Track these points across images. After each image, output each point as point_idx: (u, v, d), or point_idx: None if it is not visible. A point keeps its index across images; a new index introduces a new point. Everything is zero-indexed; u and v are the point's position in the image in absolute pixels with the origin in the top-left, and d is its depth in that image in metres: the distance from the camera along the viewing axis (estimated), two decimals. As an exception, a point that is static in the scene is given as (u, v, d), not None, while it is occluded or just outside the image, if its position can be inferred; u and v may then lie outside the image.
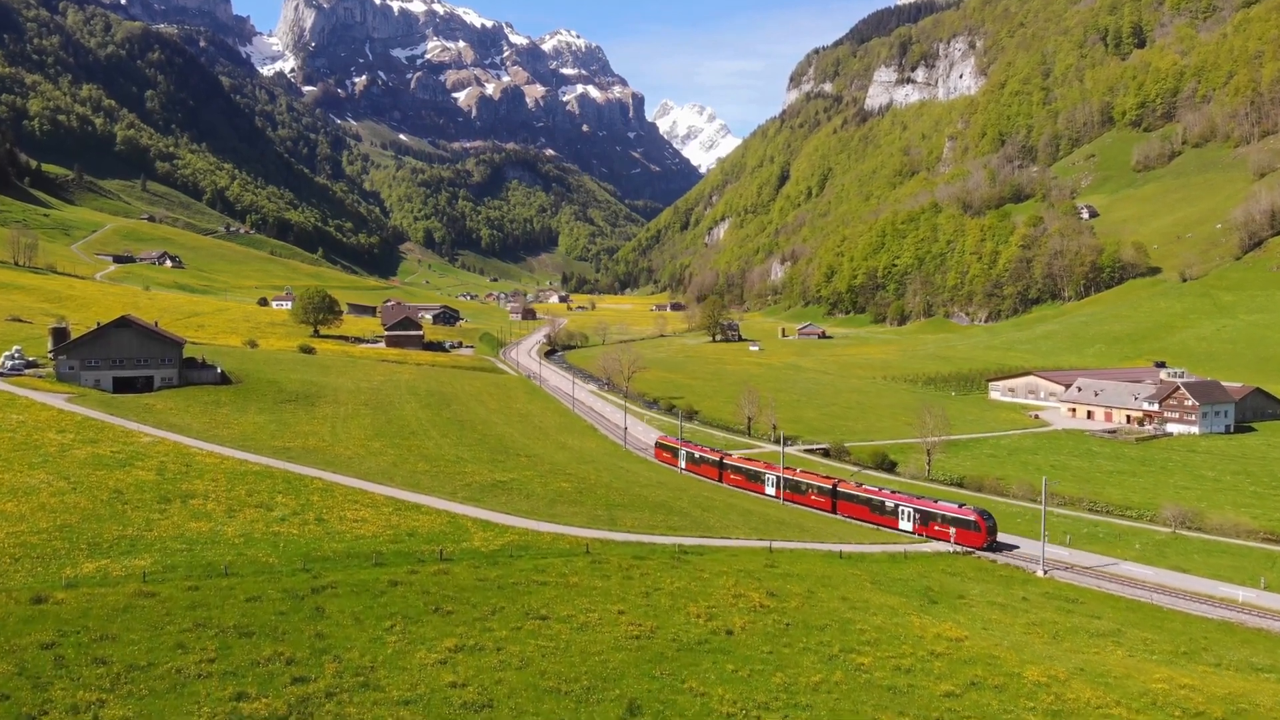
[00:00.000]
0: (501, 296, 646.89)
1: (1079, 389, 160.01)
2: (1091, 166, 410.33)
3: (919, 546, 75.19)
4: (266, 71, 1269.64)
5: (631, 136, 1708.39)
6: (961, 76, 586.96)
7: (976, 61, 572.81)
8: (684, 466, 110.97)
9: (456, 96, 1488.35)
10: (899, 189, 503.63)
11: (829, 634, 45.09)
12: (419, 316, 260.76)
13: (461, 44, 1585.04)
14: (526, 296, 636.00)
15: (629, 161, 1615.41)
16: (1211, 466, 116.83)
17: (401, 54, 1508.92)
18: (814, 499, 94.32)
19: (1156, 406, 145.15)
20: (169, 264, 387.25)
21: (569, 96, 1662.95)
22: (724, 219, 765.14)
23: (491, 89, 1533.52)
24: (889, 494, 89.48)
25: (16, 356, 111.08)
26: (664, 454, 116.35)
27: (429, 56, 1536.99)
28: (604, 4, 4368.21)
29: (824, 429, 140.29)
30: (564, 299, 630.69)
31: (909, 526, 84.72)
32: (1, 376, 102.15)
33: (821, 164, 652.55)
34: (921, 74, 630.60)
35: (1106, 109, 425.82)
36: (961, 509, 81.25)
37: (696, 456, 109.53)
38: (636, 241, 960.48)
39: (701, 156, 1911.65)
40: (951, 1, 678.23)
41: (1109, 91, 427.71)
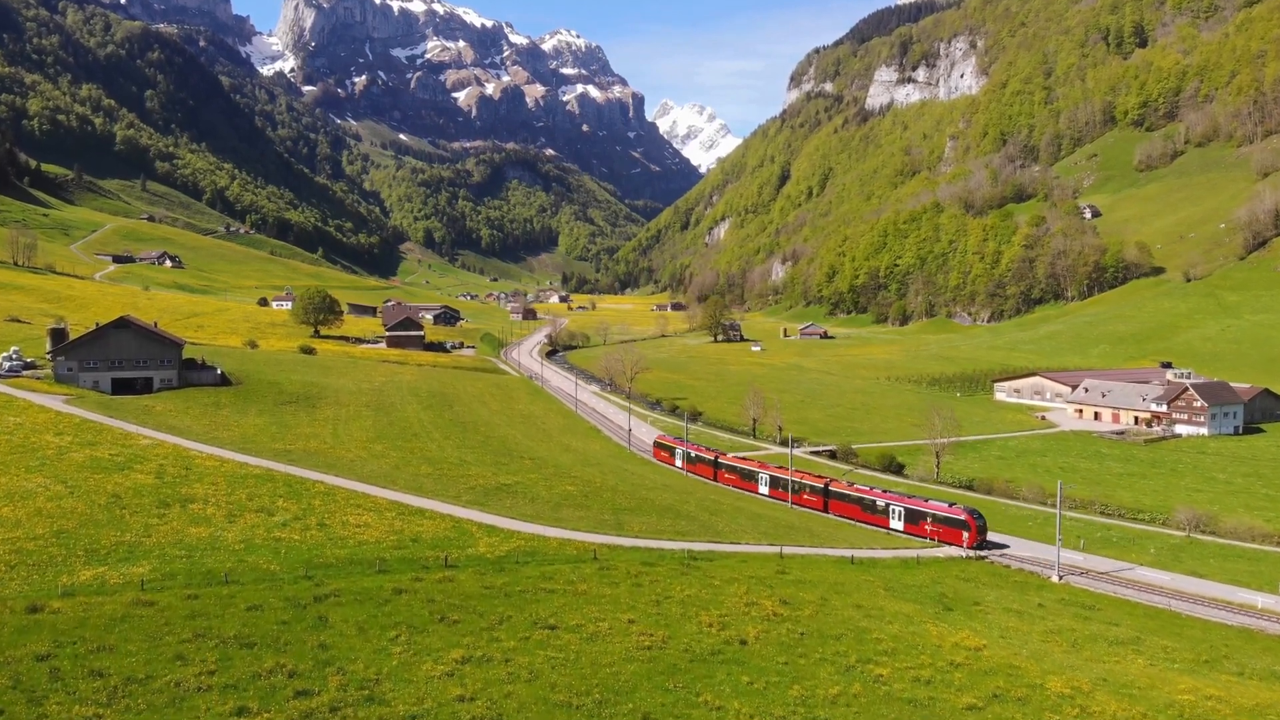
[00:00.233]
0: (502, 296, 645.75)
1: (1086, 390, 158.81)
2: (1094, 166, 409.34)
3: (932, 551, 74.12)
4: (266, 71, 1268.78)
5: (631, 136, 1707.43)
6: (963, 76, 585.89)
7: (978, 61, 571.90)
8: (681, 466, 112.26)
9: (456, 96, 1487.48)
10: (900, 189, 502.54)
11: (845, 644, 44.04)
12: (420, 317, 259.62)
13: (461, 44, 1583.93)
14: (527, 296, 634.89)
15: (629, 161, 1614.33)
16: (1222, 468, 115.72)
17: (401, 54, 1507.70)
18: (806, 498, 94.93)
19: (1165, 408, 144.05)
20: (169, 264, 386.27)
21: (569, 96, 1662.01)
22: (724, 219, 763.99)
23: (491, 89, 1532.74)
24: (880, 493, 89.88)
25: (14, 357, 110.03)
26: (662, 453, 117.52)
27: (429, 56, 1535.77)
28: (604, 4, 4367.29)
29: (829, 430, 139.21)
30: (564, 299, 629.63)
31: (900, 526, 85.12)
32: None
33: (822, 164, 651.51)
34: (922, 73, 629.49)
35: (1108, 108, 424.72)
36: (952, 508, 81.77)
37: (693, 456, 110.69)
38: (637, 241, 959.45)
39: (701, 156, 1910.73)
40: (952, 1, 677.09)
41: (1111, 91, 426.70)
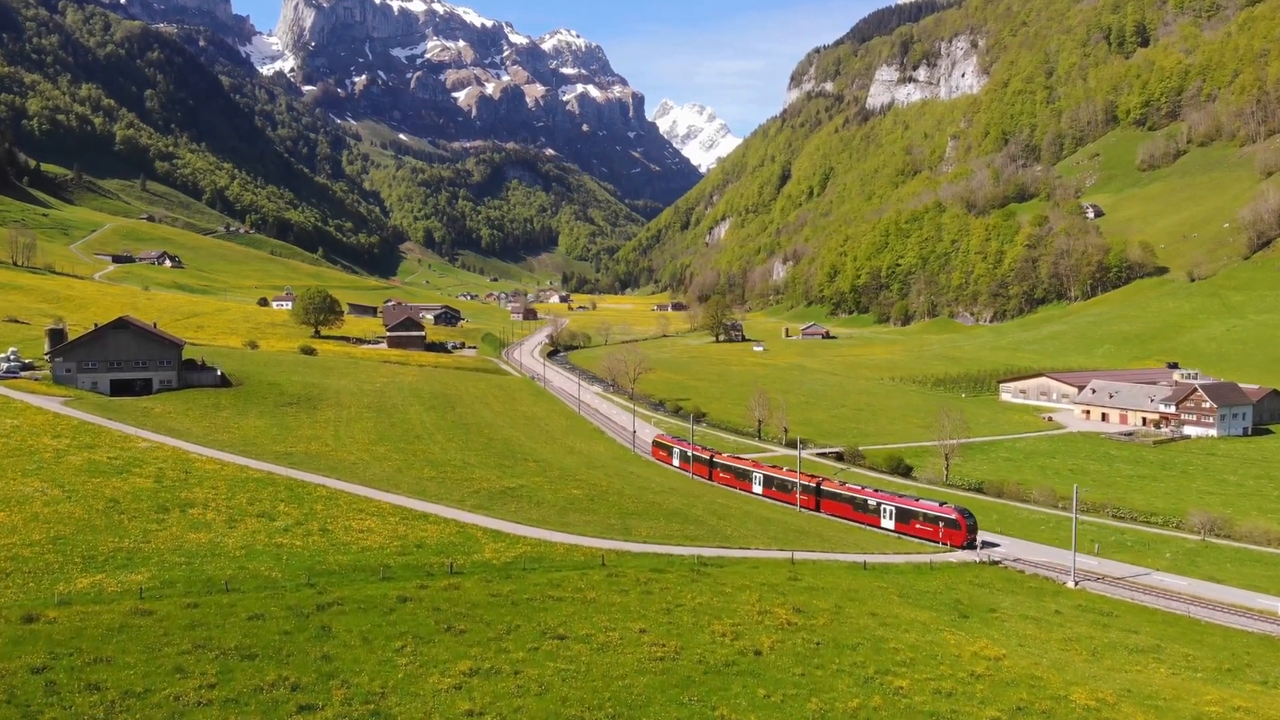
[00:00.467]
0: (502, 296, 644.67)
1: (1093, 390, 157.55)
2: (1096, 166, 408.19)
3: (944, 556, 72.98)
4: (266, 71, 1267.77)
5: (631, 136, 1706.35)
6: (964, 75, 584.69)
7: (979, 60, 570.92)
8: (678, 465, 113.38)
9: (456, 96, 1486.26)
10: (901, 188, 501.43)
11: (862, 654, 42.92)
12: (421, 317, 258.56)
13: (461, 43, 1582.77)
14: (527, 296, 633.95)
15: (629, 161, 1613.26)
16: (1233, 470, 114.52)
17: (401, 53, 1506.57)
18: (799, 497, 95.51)
19: (1173, 409, 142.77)
20: (168, 264, 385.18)
21: (569, 96, 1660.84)
22: (725, 219, 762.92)
23: (491, 89, 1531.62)
24: (871, 492, 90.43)
25: (12, 359, 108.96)
26: (660, 452, 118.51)
27: (429, 56, 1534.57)
28: (604, 4, 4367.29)
29: (835, 432, 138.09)
30: (565, 299, 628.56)
31: (891, 525, 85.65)
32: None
33: (823, 163, 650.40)
34: (923, 73, 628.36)
35: (1110, 108, 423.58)
36: (942, 507, 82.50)
37: (690, 455, 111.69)
38: (637, 241, 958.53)
39: (701, 156, 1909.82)
40: (953, 0, 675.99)
41: (1113, 90, 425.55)
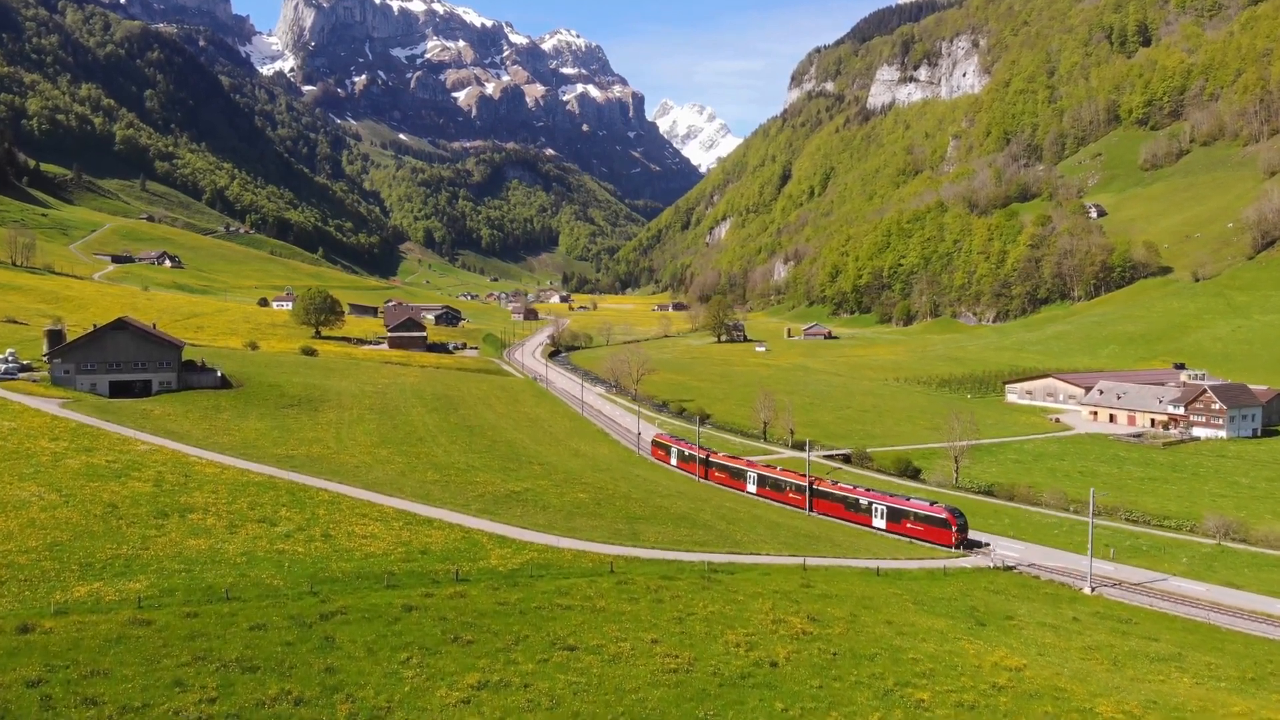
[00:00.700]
0: (503, 296, 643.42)
1: (1100, 392, 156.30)
2: (1098, 165, 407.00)
3: (958, 561, 71.73)
4: (266, 71, 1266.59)
5: (631, 136, 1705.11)
6: (965, 75, 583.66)
7: (980, 60, 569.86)
8: (675, 464, 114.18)
9: (456, 96, 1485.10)
10: (903, 188, 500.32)
11: (880, 664, 41.73)
12: (421, 317, 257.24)
13: (461, 43, 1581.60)
14: (528, 296, 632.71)
15: (629, 161, 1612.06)
16: (1245, 473, 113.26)
17: (401, 53, 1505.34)
18: (791, 496, 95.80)
19: (1182, 410, 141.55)
20: (168, 264, 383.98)
21: (569, 96, 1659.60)
22: (725, 218, 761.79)
23: (491, 88, 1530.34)
24: (863, 491, 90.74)
25: (10, 360, 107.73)
26: (658, 451, 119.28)
27: (429, 56, 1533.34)
28: (604, 4, 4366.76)
29: (841, 433, 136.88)
30: (565, 299, 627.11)
31: (882, 524, 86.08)
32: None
33: (824, 163, 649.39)
34: (924, 72, 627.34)
35: (1113, 107, 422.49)
36: (933, 506, 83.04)
37: (686, 454, 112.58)
38: (637, 241, 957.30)
39: (701, 156, 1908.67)
40: (954, 0, 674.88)
41: (1115, 90, 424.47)
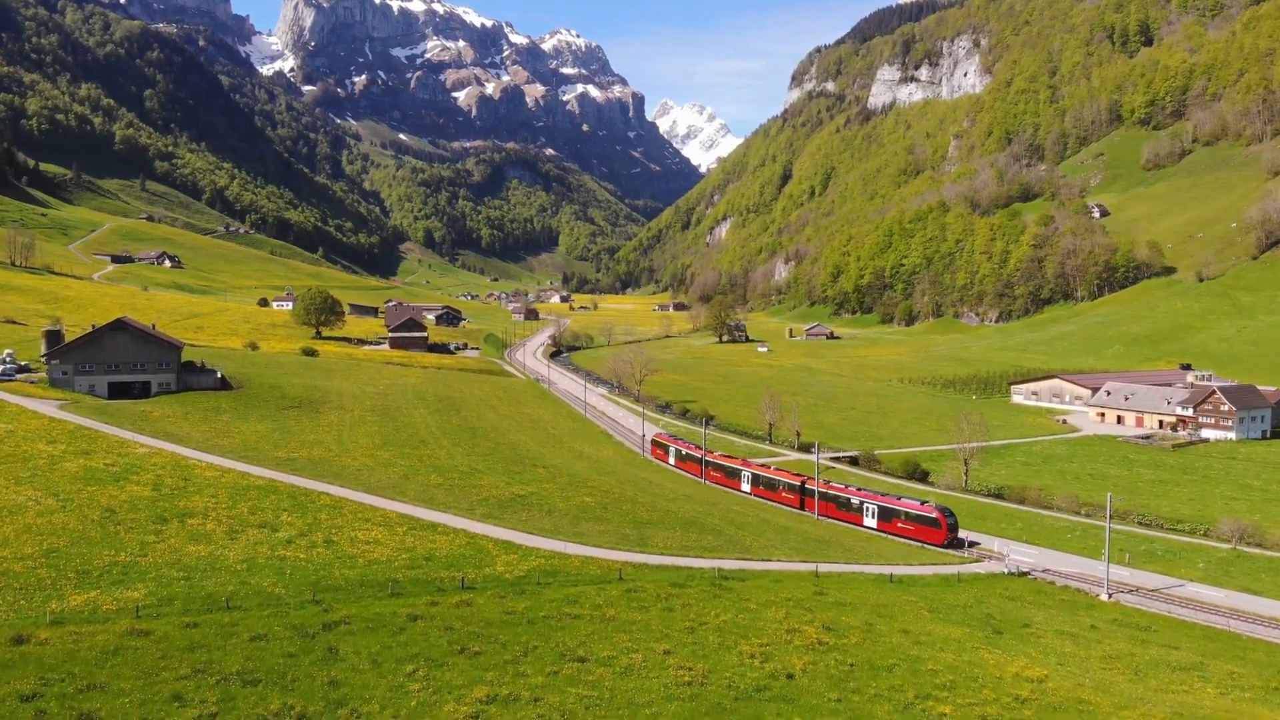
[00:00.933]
0: (503, 296, 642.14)
1: (1108, 393, 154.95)
2: (1100, 165, 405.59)
3: (971, 567, 70.54)
4: (266, 71, 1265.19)
5: (631, 136, 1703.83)
6: (966, 75, 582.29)
7: (981, 59, 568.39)
8: (673, 463, 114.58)
9: (456, 96, 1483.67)
10: (904, 188, 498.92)
11: (899, 675, 40.59)
12: (422, 317, 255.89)
13: (461, 43, 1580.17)
14: (528, 296, 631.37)
15: (629, 161, 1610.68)
16: (1256, 475, 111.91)
17: (401, 53, 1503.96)
18: (784, 496, 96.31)
19: (1191, 411, 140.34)
20: (168, 264, 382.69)
21: (569, 96, 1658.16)
22: (726, 218, 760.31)
23: (491, 88, 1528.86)
24: (855, 490, 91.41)
25: (8, 360, 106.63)
26: (658, 450, 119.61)
27: (429, 56, 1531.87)
28: (604, 4, 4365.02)
29: (847, 435, 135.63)
30: (566, 299, 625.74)
31: (873, 523, 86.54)
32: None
33: (824, 163, 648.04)
34: (925, 72, 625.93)
35: (1115, 107, 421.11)
36: (924, 506, 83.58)
37: (684, 454, 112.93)
38: (638, 241, 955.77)
39: (702, 156, 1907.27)
40: (954, 0, 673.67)
41: (1117, 89, 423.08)
